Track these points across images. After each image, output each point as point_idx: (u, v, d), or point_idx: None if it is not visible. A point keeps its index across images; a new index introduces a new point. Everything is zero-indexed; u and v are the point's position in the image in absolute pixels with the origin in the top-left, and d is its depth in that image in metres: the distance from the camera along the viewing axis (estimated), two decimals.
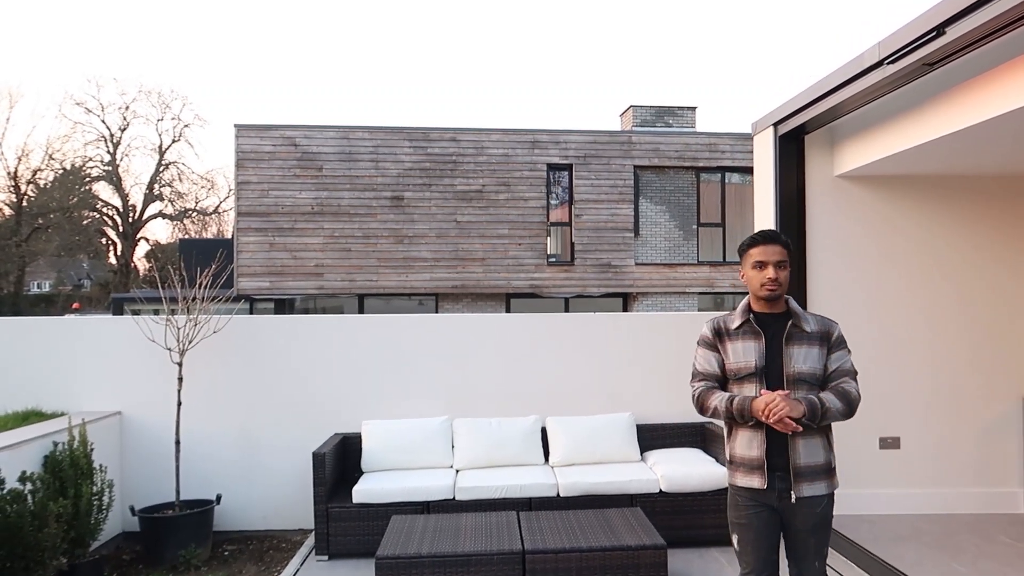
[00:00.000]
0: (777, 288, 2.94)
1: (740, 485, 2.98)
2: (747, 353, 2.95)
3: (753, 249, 3.01)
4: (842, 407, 2.89)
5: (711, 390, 3.01)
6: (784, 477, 2.91)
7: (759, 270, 2.97)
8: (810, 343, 2.95)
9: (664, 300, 17.54)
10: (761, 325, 2.98)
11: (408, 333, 5.73)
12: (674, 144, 17.49)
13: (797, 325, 2.97)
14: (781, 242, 3.01)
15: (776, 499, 2.93)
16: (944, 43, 3.54)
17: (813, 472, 2.92)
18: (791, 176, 5.50)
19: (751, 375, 2.93)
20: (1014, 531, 5.19)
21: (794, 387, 2.89)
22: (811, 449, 2.92)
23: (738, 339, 2.99)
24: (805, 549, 2.96)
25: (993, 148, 4.68)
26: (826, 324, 3.03)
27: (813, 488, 2.91)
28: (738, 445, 3.00)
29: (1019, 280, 5.66)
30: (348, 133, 16.67)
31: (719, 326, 3.08)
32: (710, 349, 3.08)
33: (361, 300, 17.22)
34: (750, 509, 2.97)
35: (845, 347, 3.03)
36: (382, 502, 4.76)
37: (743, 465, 2.97)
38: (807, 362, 2.92)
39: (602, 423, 5.44)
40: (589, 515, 4.41)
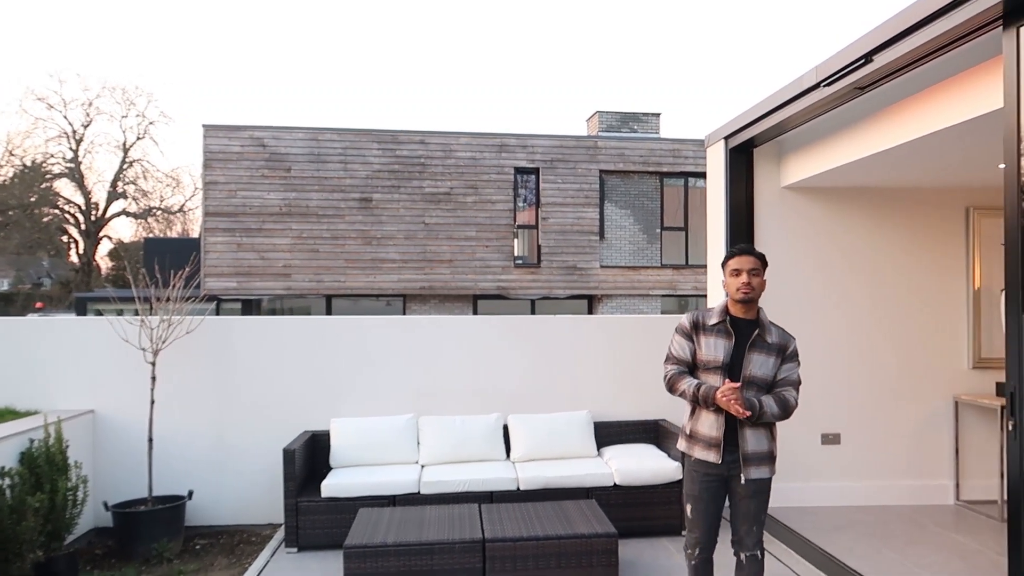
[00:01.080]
0: (750, 291, 3.40)
1: (698, 458, 3.46)
2: (717, 349, 3.42)
3: (731, 260, 3.48)
4: (778, 411, 3.39)
5: (682, 374, 3.50)
6: (733, 452, 3.40)
7: (735, 277, 3.43)
8: (768, 352, 3.43)
9: (628, 302, 17.89)
10: (734, 327, 3.44)
11: (376, 334, 5.95)
12: (639, 149, 17.86)
13: (762, 335, 3.44)
14: (755, 255, 3.48)
15: (726, 472, 3.42)
16: (873, 69, 3.87)
17: (759, 458, 3.42)
18: (740, 186, 5.83)
19: (716, 368, 3.41)
20: (944, 520, 5.56)
21: (746, 387, 3.37)
22: (757, 438, 3.42)
23: (712, 335, 3.45)
24: (746, 511, 3.45)
25: (919, 164, 5.04)
26: (785, 338, 3.50)
27: (759, 471, 3.42)
28: (701, 424, 3.46)
29: (946, 286, 6.06)
30: (317, 134, 16.75)
31: (697, 320, 3.52)
32: (686, 338, 3.53)
33: (329, 301, 17.31)
34: (703, 483, 3.47)
35: (796, 360, 3.51)
36: (350, 496, 4.97)
37: (702, 441, 3.45)
38: (761, 368, 3.40)
39: (561, 420, 5.71)
40: (547, 507, 4.67)
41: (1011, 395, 3.09)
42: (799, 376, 3.50)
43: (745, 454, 3.39)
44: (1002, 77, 3.19)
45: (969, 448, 5.97)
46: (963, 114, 3.81)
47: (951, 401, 6.00)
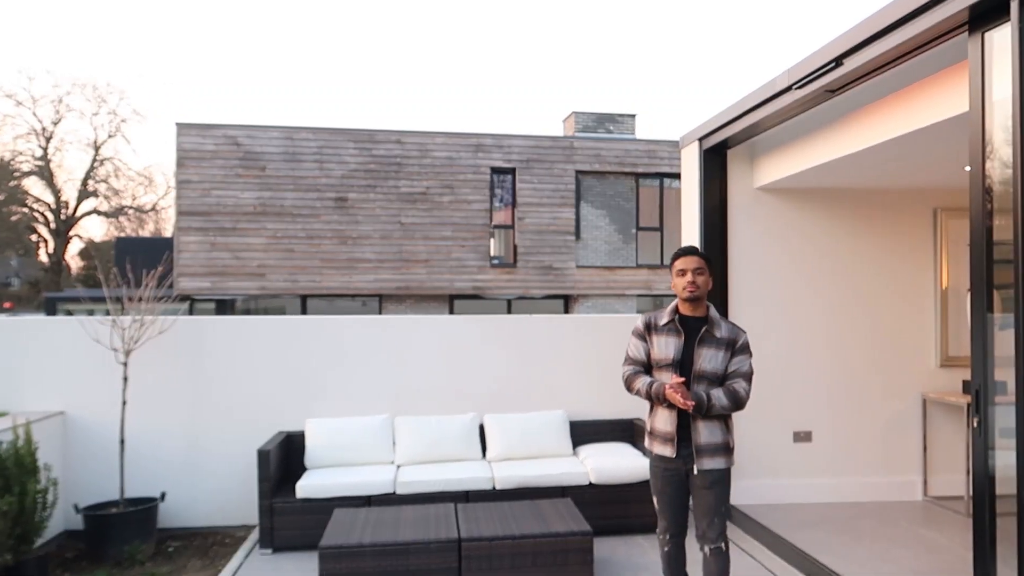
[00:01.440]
0: (696, 290, 3.55)
1: (656, 453, 3.65)
2: (668, 347, 3.58)
3: (677, 261, 3.63)
4: (728, 403, 3.50)
5: (637, 374, 3.67)
6: (689, 446, 3.55)
7: (681, 276, 3.59)
8: (717, 347, 3.56)
9: (604, 302, 17.98)
10: (683, 325, 3.60)
11: (351, 333, 5.93)
12: (614, 150, 17.95)
13: (710, 331, 3.57)
14: (698, 254, 3.64)
15: (683, 465, 3.58)
16: (843, 72, 3.93)
17: (713, 449, 3.54)
18: (714, 187, 5.89)
19: (668, 365, 3.56)
20: (912, 516, 5.67)
21: (697, 381, 3.52)
22: (711, 431, 3.55)
23: (663, 335, 3.62)
24: (707, 504, 3.56)
25: (889, 166, 5.13)
26: (735, 332, 3.62)
27: (713, 462, 3.54)
28: (657, 420, 3.65)
29: (915, 287, 6.17)
30: (292, 133, 16.64)
31: (650, 321, 3.69)
32: (640, 340, 3.71)
33: (304, 301, 17.20)
34: (664, 477, 3.65)
35: (747, 353, 3.62)
36: (325, 497, 4.96)
37: (659, 437, 3.64)
38: (711, 363, 3.53)
39: (537, 420, 5.73)
40: (523, 506, 4.69)
41: (976, 393, 3.16)
42: (751, 368, 3.60)
43: (698, 446, 3.52)
44: (968, 82, 3.26)
45: (936, 445, 6.08)
46: (930, 118, 3.88)
47: (919, 399, 6.12)
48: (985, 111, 3.12)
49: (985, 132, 3.13)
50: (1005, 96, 3.00)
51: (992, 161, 3.11)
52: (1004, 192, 3.05)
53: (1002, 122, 3.06)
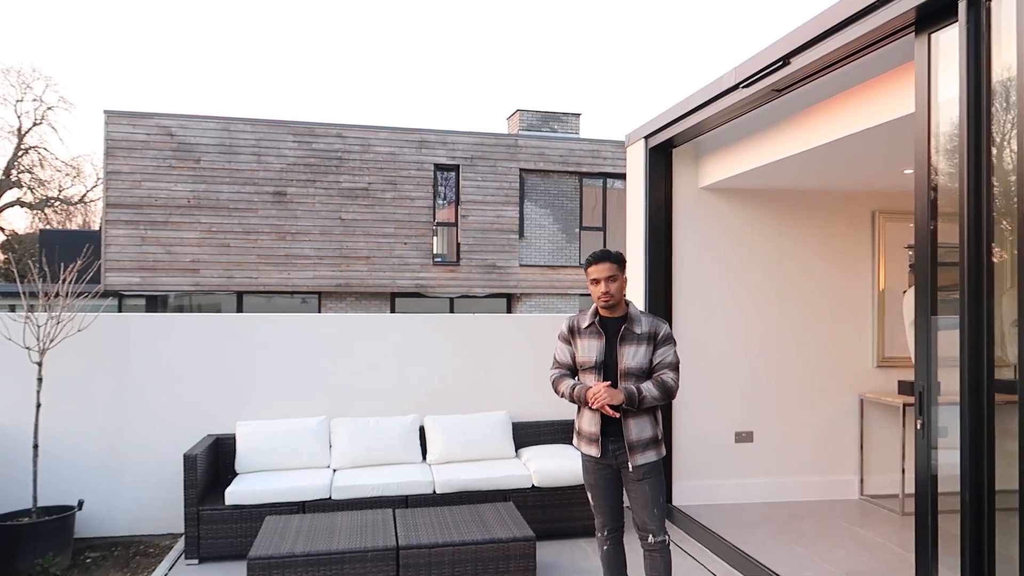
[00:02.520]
0: (610, 299, 3.55)
1: (584, 453, 3.66)
2: (590, 350, 3.58)
3: (590, 268, 3.60)
4: (658, 394, 3.50)
5: (563, 377, 3.69)
6: (618, 443, 3.54)
7: (595, 286, 3.57)
8: (639, 342, 3.55)
9: (547, 301, 17.96)
10: (603, 327, 3.61)
11: (287, 332, 5.69)
12: (558, 149, 17.94)
13: (630, 328, 3.57)
14: (611, 259, 3.59)
15: (614, 461, 3.57)
16: (790, 71, 3.91)
17: (644, 444, 3.53)
18: (660, 186, 5.85)
19: (592, 367, 3.57)
20: (849, 515, 5.73)
21: (624, 379, 3.51)
22: (640, 426, 3.54)
23: (585, 337, 3.62)
24: (644, 496, 3.54)
25: (831, 168, 5.16)
26: (655, 325, 3.62)
27: (645, 457, 3.53)
28: (583, 421, 3.65)
29: (853, 288, 6.25)
30: (228, 124, 16.12)
31: (573, 325, 3.69)
32: (565, 343, 3.72)
33: (240, 298, 16.70)
34: (595, 472, 3.66)
35: (670, 343, 3.62)
36: (256, 503, 4.72)
37: (585, 437, 3.64)
38: (635, 359, 3.53)
39: (479, 421, 5.60)
40: (463, 510, 4.55)
41: (919, 395, 3.15)
42: (676, 357, 3.60)
43: (630, 442, 3.51)
44: (913, 82, 3.25)
45: (872, 444, 6.17)
46: (875, 119, 3.89)
47: (857, 399, 6.19)
48: (931, 112, 3.11)
49: (931, 133, 3.12)
50: (951, 97, 3.00)
51: (937, 163, 3.11)
52: (949, 193, 3.04)
53: (948, 123, 3.06)
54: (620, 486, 3.67)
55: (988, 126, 2.78)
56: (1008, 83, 2.70)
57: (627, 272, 3.71)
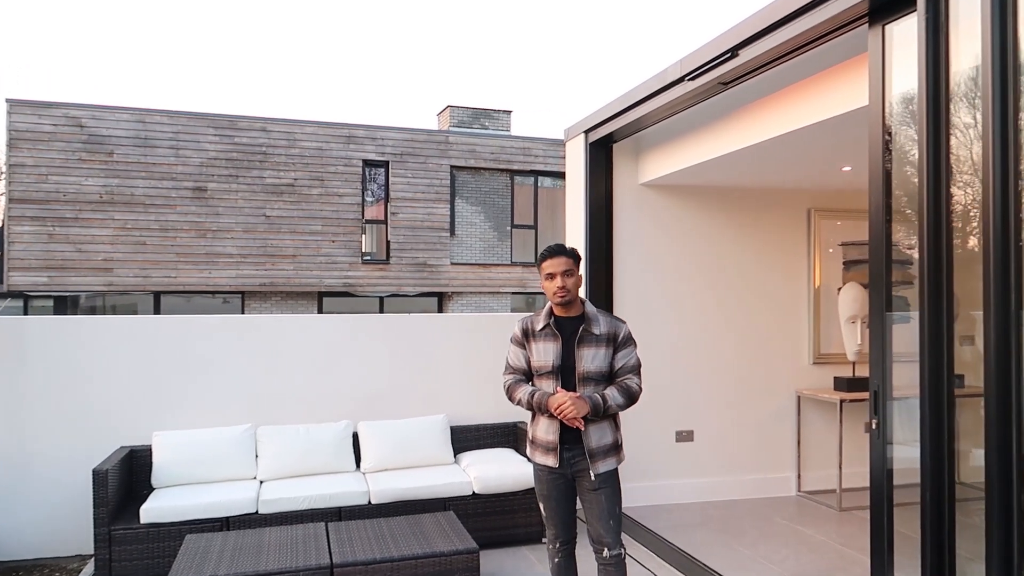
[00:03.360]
0: (566, 294, 3.34)
1: (538, 463, 3.44)
2: (546, 353, 3.36)
3: (544, 263, 3.39)
4: (623, 401, 3.33)
5: (519, 383, 3.45)
6: (574, 451, 3.34)
7: (550, 281, 3.36)
8: (598, 344, 3.35)
9: (478, 300, 17.76)
10: (559, 328, 3.38)
11: (208, 335, 5.31)
12: (490, 146, 17.76)
13: (588, 329, 3.36)
14: (566, 253, 3.39)
15: (569, 470, 3.37)
16: (737, 64, 3.81)
17: (605, 451, 3.35)
18: (600, 182, 5.73)
19: (549, 372, 3.35)
20: (788, 512, 5.73)
21: (583, 383, 3.31)
22: (601, 432, 3.35)
23: (540, 340, 3.40)
24: (599, 507, 3.35)
25: (771, 164, 5.13)
26: (614, 325, 3.41)
27: (606, 464, 3.35)
28: (539, 429, 3.42)
29: (790, 285, 6.27)
30: (144, 116, 15.31)
31: (527, 327, 3.46)
32: (519, 347, 3.49)
33: (157, 298, 15.91)
34: (549, 482, 3.42)
35: (631, 344, 3.43)
36: (175, 521, 4.36)
37: (541, 446, 3.41)
38: (595, 362, 3.32)
39: (416, 426, 5.35)
40: (401, 522, 4.30)
41: (874, 394, 3.09)
42: (638, 360, 3.44)
43: (590, 449, 3.32)
44: (864, 75, 3.19)
45: (809, 441, 6.20)
46: (824, 112, 3.83)
47: (794, 396, 6.21)
48: (885, 105, 3.04)
49: (885, 125, 3.05)
50: (906, 90, 2.94)
51: (892, 156, 3.04)
52: (905, 187, 2.98)
53: (902, 116, 3.00)
54: (575, 496, 3.48)
55: (948, 118, 2.72)
56: (970, 73, 2.64)
57: None
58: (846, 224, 6.33)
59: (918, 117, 2.80)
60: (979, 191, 2.55)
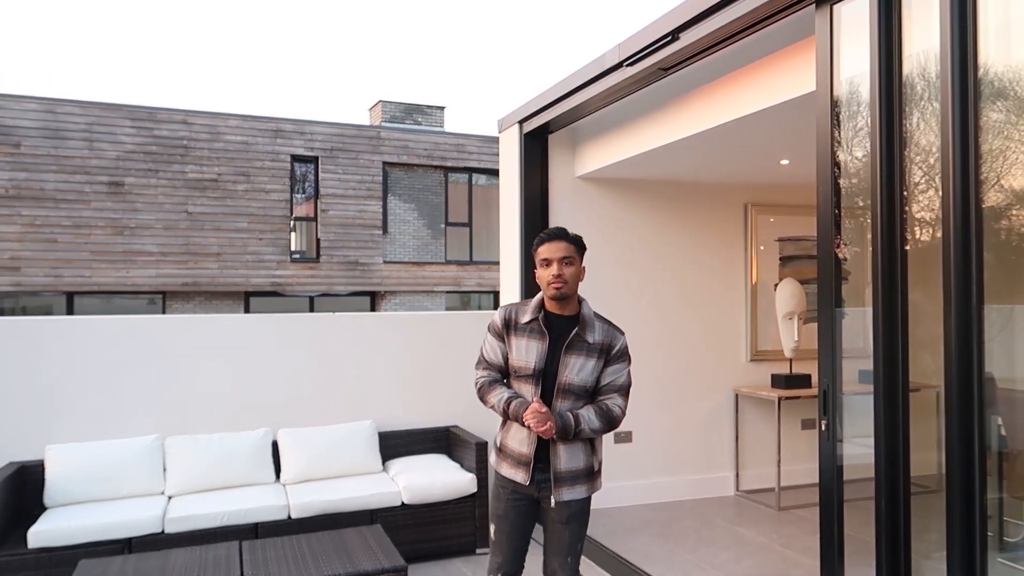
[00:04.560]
0: (563, 285, 2.88)
1: (504, 475, 2.99)
2: (528, 352, 2.91)
3: (540, 247, 2.96)
4: (600, 425, 2.90)
5: (493, 384, 2.99)
6: (547, 472, 2.91)
7: (546, 268, 2.92)
8: (588, 354, 2.92)
9: (412, 299, 17.39)
10: (548, 326, 2.93)
11: (112, 337, 4.87)
12: (423, 142, 17.40)
13: (580, 334, 2.92)
14: (567, 238, 2.97)
15: (536, 491, 2.95)
16: (678, 48, 3.62)
17: (574, 476, 2.91)
18: (535, 175, 5.50)
19: (528, 376, 2.91)
20: (727, 513, 5.63)
21: (562, 396, 2.88)
22: (572, 453, 2.91)
23: (524, 336, 2.94)
24: (560, 542, 2.97)
25: (709, 157, 5.00)
26: (611, 335, 2.99)
27: (573, 492, 2.91)
28: (511, 438, 2.98)
29: (727, 282, 6.18)
30: (54, 107, 14.42)
31: (510, 317, 3.00)
32: (497, 338, 3.01)
33: (70, 299, 15.03)
34: (510, 501, 2.99)
35: (625, 360, 3.02)
36: (68, 544, 3.93)
37: (511, 457, 2.98)
38: (580, 374, 2.89)
39: (341, 433, 5.02)
40: (323, 538, 3.97)
41: (824, 393, 2.93)
42: (629, 379, 3.03)
43: (557, 472, 2.89)
44: (810, 61, 3.04)
45: (747, 439, 6.11)
46: (770, 99, 3.68)
47: (731, 394, 6.11)
48: (834, 90, 2.89)
49: (833, 114, 2.89)
50: (856, 73, 2.79)
51: (840, 144, 2.89)
52: (856, 175, 2.83)
53: (851, 101, 2.84)
54: (534, 523, 3.05)
55: (901, 103, 2.58)
56: (923, 55, 2.49)
57: (507, 266, 3.24)
58: (783, 219, 6.27)
59: (870, 101, 2.65)
60: (935, 178, 2.41)
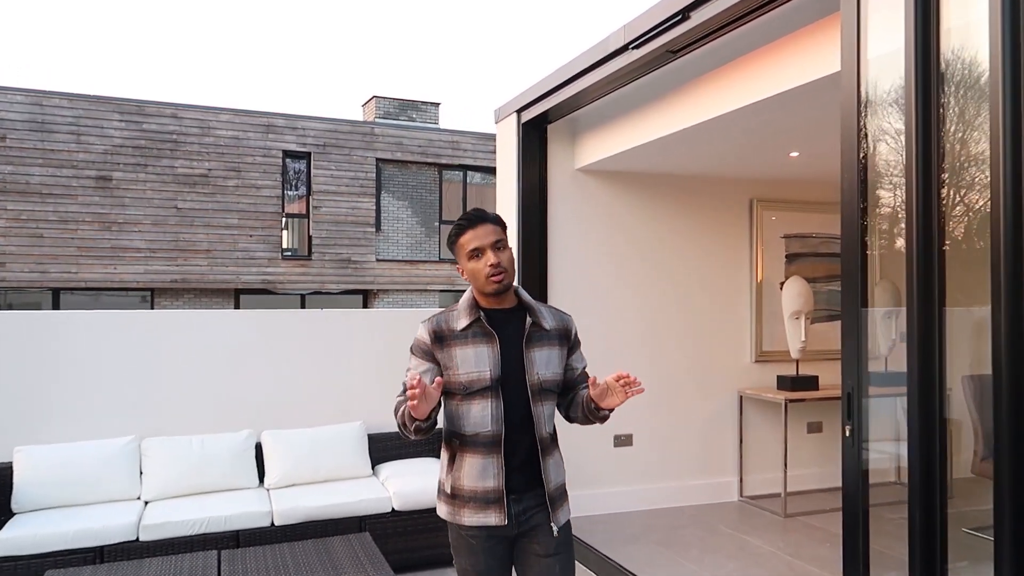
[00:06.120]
0: (502, 275, 2.34)
1: (470, 525, 2.35)
2: (479, 361, 2.34)
3: (463, 236, 2.38)
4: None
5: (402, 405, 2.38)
6: (525, 500, 2.37)
7: (476, 259, 2.36)
8: (550, 343, 2.45)
9: (405, 297, 17.15)
10: (494, 325, 2.39)
11: (85, 334, 4.63)
12: (417, 139, 17.16)
13: (537, 323, 2.42)
14: (490, 219, 2.40)
15: (514, 529, 2.37)
16: (688, 28, 3.41)
17: (562, 493, 2.48)
18: (533, 166, 5.29)
19: (486, 389, 2.33)
20: (731, 520, 5.41)
21: (541, 398, 2.40)
22: (557, 466, 2.48)
23: (467, 343, 2.35)
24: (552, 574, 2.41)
25: (714, 149, 4.79)
26: (563, 319, 2.54)
27: (566, 511, 2.47)
28: (466, 475, 2.36)
29: (732, 280, 5.97)
30: (41, 99, 14.14)
31: (440, 327, 2.38)
32: (426, 358, 2.40)
33: (56, 295, 14.74)
34: (487, 551, 2.37)
35: (580, 344, 2.62)
36: (36, 552, 3.70)
37: (474, 500, 2.34)
38: (549, 367, 2.42)
39: (328, 435, 4.79)
40: (308, 547, 3.75)
41: (848, 396, 2.72)
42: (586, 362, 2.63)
43: (550, 492, 2.39)
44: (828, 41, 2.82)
45: (751, 443, 5.90)
46: (777, 86, 3.48)
47: (735, 396, 5.90)
48: (860, 70, 2.67)
49: (860, 95, 2.68)
50: (884, 52, 2.57)
51: (869, 129, 2.67)
52: (885, 165, 2.62)
53: (880, 82, 2.63)
54: (510, 564, 2.46)
55: (939, 83, 2.36)
56: (965, 29, 2.28)
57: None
58: (788, 216, 6.06)
59: (905, 82, 2.43)
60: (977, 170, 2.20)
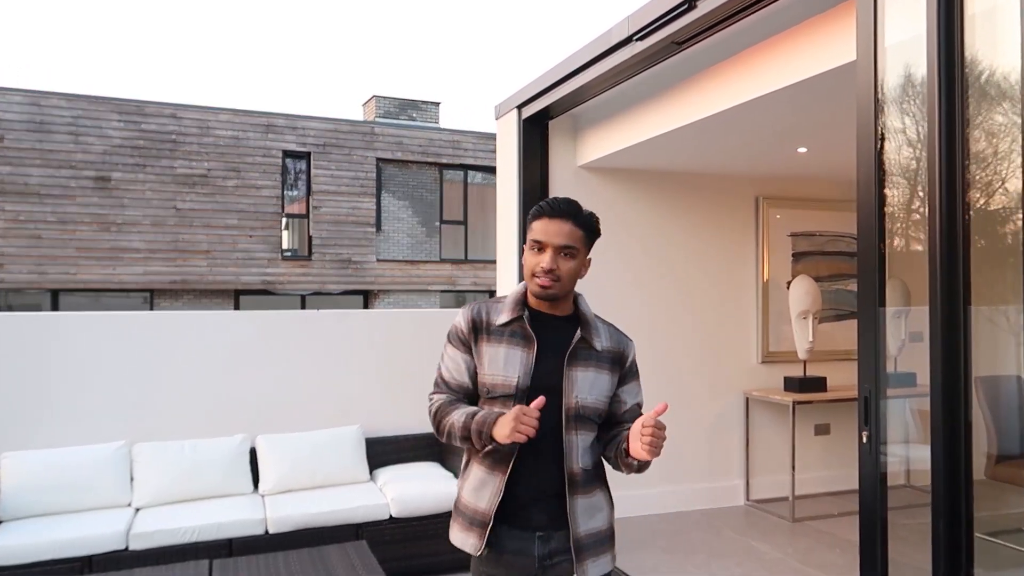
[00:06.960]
0: (552, 283, 2.02)
1: (453, 543, 2.13)
2: (508, 364, 2.03)
3: (536, 222, 2.07)
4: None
5: (453, 404, 2.07)
6: (553, 540, 2.04)
7: (536, 253, 2.05)
8: (599, 366, 2.09)
9: (406, 298, 17.04)
10: (536, 328, 2.07)
11: (74, 336, 4.51)
12: (418, 139, 17.05)
13: (587, 339, 2.09)
14: (576, 219, 2.05)
15: (539, 571, 2.03)
16: (695, 17, 3.28)
17: (598, 541, 2.06)
18: (535, 163, 5.16)
19: (508, 396, 2.01)
20: (738, 524, 5.29)
21: (577, 425, 2.04)
22: (591, 506, 2.07)
23: (500, 341, 2.05)
24: None
25: (720, 144, 4.67)
26: (620, 341, 2.20)
27: (599, 566, 2.05)
28: (466, 487, 2.10)
29: (737, 279, 5.84)
30: (39, 99, 14.05)
31: (479, 317, 2.09)
32: (462, 348, 2.10)
33: (55, 296, 14.65)
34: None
35: (638, 374, 2.23)
36: (21, 563, 3.57)
37: (463, 516, 2.08)
38: (593, 391, 2.06)
39: (325, 439, 4.67)
40: (303, 556, 3.62)
41: (865, 400, 2.60)
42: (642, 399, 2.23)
43: (577, 538, 2.02)
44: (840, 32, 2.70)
45: (758, 445, 5.78)
46: (785, 78, 3.35)
47: (741, 397, 5.78)
48: (877, 58, 2.55)
49: (878, 84, 2.55)
50: (902, 40, 2.45)
51: (888, 121, 2.55)
52: (904, 158, 2.49)
53: (897, 72, 2.51)
54: None
55: (963, 72, 2.24)
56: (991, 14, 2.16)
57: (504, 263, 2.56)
58: (795, 213, 5.94)
59: (928, 70, 2.31)
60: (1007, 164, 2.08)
